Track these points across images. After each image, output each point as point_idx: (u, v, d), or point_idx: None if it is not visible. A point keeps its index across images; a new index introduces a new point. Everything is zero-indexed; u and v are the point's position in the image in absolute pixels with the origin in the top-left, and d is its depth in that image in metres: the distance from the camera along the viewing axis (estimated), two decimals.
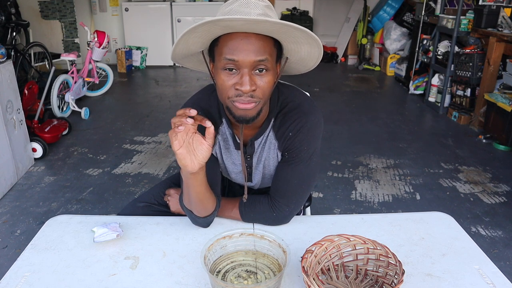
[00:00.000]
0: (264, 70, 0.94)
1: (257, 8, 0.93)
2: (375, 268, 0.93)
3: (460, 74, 3.97)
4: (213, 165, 1.14)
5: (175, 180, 1.39)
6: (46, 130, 3.32)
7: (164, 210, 1.28)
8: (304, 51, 1.00)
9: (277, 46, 0.98)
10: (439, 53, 4.41)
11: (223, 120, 1.12)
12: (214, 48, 0.97)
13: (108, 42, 4.31)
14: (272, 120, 1.10)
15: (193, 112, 0.87)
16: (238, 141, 1.12)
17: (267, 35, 0.94)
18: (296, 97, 1.11)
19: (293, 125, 1.07)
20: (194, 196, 1.03)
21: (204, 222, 1.10)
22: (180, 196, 1.12)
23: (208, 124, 0.90)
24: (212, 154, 1.14)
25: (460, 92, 4.09)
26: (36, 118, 3.32)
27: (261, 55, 0.92)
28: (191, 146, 0.93)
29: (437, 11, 4.60)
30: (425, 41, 4.79)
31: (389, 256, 0.89)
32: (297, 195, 1.11)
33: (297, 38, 0.95)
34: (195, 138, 0.93)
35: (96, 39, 4.23)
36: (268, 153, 1.14)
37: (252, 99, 0.95)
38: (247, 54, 0.91)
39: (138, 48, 6.24)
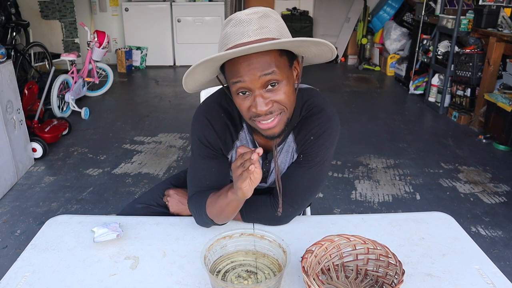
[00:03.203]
0: (276, 84, 0.92)
1: (250, 24, 0.90)
2: (375, 268, 0.93)
3: (460, 74, 3.97)
4: (226, 168, 1.12)
5: (174, 181, 1.39)
6: (46, 130, 3.32)
7: (163, 211, 1.28)
8: (314, 49, 0.98)
9: (285, 53, 0.95)
10: (439, 53, 4.41)
11: (244, 125, 1.10)
12: (224, 73, 0.98)
13: (108, 42, 4.32)
14: (294, 125, 1.09)
15: (260, 152, 0.86)
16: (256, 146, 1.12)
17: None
18: (320, 103, 1.09)
19: (316, 129, 1.06)
20: (230, 212, 1.02)
21: (214, 225, 1.09)
22: (192, 201, 1.10)
23: (260, 151, 0.87)
24: (227, 158, 1.13)
25: (460, 92, 4.09)
26: (36, 118, 3.32)
27: (267, 69, 0.90)
28: (251, 179, 0.91)
29: (437, 11, 4.60)
30: (425, 41, 4.79)
31: (389, 256, 0.89)
32: (303, 197, 1.11)
33: (299, 42, 0.92)
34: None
35: (96, 39, 4.23)
36: (285, 156, 1.12)
37: (271, 115, 0.94)
38: (251, 74, 0.90)
39: (138, 48, 6.24)
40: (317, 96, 1.12)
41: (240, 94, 0.94)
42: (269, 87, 0.92)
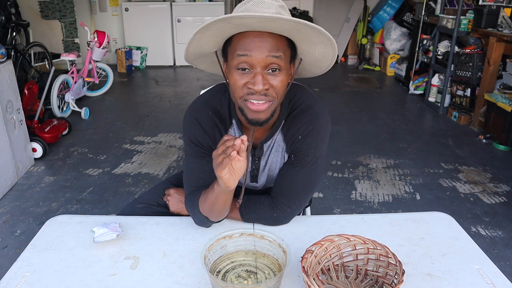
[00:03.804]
0: (277, 70, 0.94)
1: (271, 8, 0.93)
2: (375, 268, 0.93)
3: (460, 74, 3.97)
4: None
5: (174, 181, 1.39)
6: (46, 130, 3.32)
7: (163, 211, 1.28)
8: (318, 51, 0.99)
9: (291, 47, 0.97)
10: (439, 53, 4.41)
11: (233, 121, 1.11)
12: (227, 48, 0.97)
13: (108, 42, 4.32)
14: (282, 122, 1.09)
15: (244, 139, 0.87)
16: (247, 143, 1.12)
17: (281, 34, 0.93)
18: (307, 99, 1.09)
19: (303, 128, 1.06)
20: (220, 207, 1.03)
21: (212, 223, 1.10)
22: (188, 201, 1.11)
23: (244, 138, 0.88)
24: None
25: (460, 92, 4.09)
26: (36, 118, 3.32)
27: (275, 52, 0.92)
28: (231, 167, 0.91)
29: (437, 11, 4.60)
30: (425, 41, 4.79)
31: (389, 256, 0.89)
32: (300, 197, 1.11)
33: (311, 37, 0.94)
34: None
35: (96, 39, 4.23)
36: (275, 155, 1.13)
37: (265, 97, 0.94)
38: (260, 51, 0.91)
39: (138, 48, 6.24)
40: (305, 93, 1.12)
41: (240, 69, 0.94)
42: (270, 71, 0.93)
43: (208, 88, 1.18)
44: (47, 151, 3.20)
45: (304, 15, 6.64)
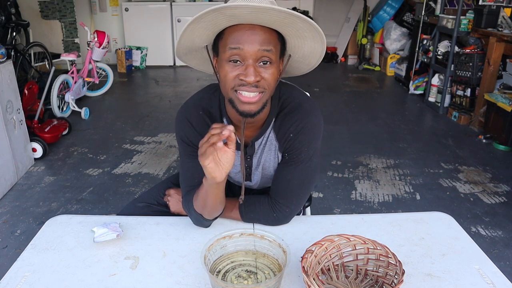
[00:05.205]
0: (268, 63, 0.95)
1: (261, 2, 0.93)
2: (375, 268, 0.93)
3: (460, 74, 3.97)
4: None
5: (174, 180, 1.39)
6: (46, 130, 3.32)
7: (163, 210, 1.28)
8: (307, 47, 1.00)
9: (281, 41, 0.98)
10: (439, 53, 4.41)
11: (224, 120, 1.11)
12: (218, 42, 0.98)
13: (108, 42, 4.32)
14: (273, 121, 1.10)
15: (231, 128, 0.88)
16: (239, 141, 1.12)
17: (272, 28, 0.94)
18: (297, 97, 1.11)
19: (294, 126, 1.07)
20: (212, 202, 1.03)
21: (210, 223, 1.10)
22: (184, 200, 1.11)
23: (231, 128, 0.88)
24: None
25: (460, 92, 4.09)
26: (36, 118, 3.32)
27: (266, 45, 0.93)
28: (216, 157, 0.91)
29: (437, 11, 4.60)
30: (425, 41, 4.79)
31: (389, 256, 0.89)
32: (298, 196, 1.11)
33: (301, 31, 0.95)
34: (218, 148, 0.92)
35: (96, 39, 4.23)
36: (268, 154, 1.13)
37: (256, 89, 0.95)
38: (252, 44, 0.92)
39: (138, 48, 6.24)
40: (295, 91, 1.13)
41: (231, 62, 0.95)
42: (261, 63, 0.94)
43: (199, 90, 1.19)
44: (47, 151, 3.20)
45: (304, 15, 6.64)
